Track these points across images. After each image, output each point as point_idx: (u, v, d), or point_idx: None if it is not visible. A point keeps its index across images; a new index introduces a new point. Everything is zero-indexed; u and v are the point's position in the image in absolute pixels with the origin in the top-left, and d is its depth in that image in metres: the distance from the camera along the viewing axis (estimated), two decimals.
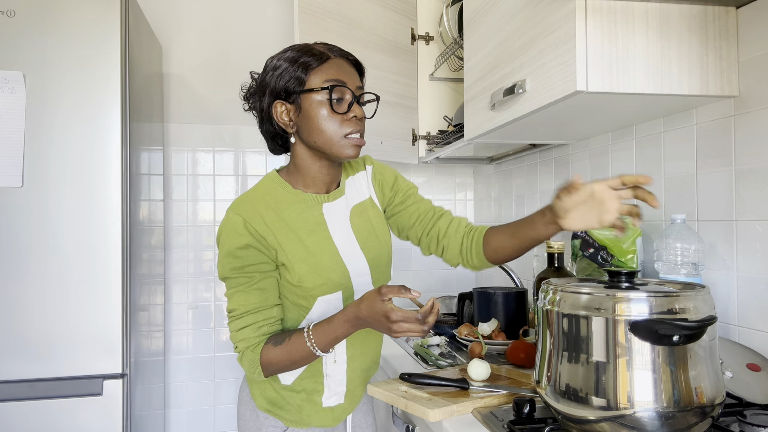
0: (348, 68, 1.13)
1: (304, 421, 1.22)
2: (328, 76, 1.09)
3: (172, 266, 2.37)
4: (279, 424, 1.22)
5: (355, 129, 1.11)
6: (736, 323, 1.22)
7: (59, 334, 1.67)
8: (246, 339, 1.11)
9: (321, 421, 1.23)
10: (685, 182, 1.36)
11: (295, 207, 1.15)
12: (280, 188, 1.17)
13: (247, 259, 1.10)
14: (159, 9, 2.38)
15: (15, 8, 1.67)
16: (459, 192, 2.68)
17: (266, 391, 1.21)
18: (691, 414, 0.84)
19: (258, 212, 1.11)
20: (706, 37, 1.18)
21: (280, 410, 1.21)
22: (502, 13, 1.43)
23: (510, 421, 0.99)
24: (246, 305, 1.11)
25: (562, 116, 1.38)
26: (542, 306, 0.97)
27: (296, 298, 1.15)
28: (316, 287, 1.13)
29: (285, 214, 1.14)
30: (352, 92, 1.10)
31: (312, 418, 1.22)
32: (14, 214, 1.66)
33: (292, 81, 1.10)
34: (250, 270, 1.10)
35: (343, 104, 1.10)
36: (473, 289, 1.79)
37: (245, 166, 2.46)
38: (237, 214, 1.10)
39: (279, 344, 1.10)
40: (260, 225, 1.10)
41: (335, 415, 1.24)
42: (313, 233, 1.15)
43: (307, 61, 1.10)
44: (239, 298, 1.11)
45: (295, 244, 1.12)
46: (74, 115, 1.70)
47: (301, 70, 1.10)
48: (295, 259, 1.11)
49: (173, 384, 2.37)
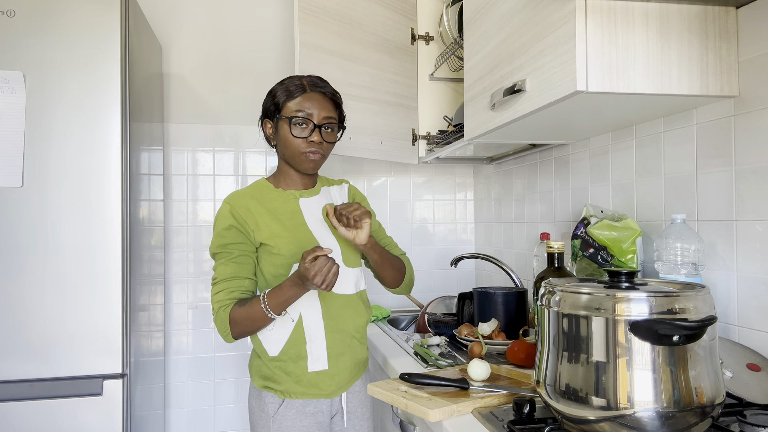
0: (320, 101, 1.40)
1: (295, 389, 1.38)
2: (298, 107, 1.38)
3: (172, 266, 2.37)
4: (276, 399, 1.39)
5: (311, 150, 1.39)
6: (736, 323, 1.22)
7: (59, 334, 1.67)
8: (220, 301, 1.34)
9: (311, 386, 1.38)
10: (685, 182, 1.36)
11: (277, 200, 1.44)
12: (266, 187, 1.46)
13: (229, 238, 1.36)
14: (159, 9, 2.38)
15: (15, 8, 1.67)
16: (459, 192, 2.68)
17: (261, 369, 1.41)
18: (691, 414, 0.84)
19: (244, 202, 1.40)
20: (706, 37, 1.18)
21: (273, 383, 1.39)
22: (502, 13, 1.43)
23: (510, 421, 0.99)
24: (224, 274, 1.35)
25: (562, 116, 1.38)
26: (542, 306, 0.97)
27: (276, 269, 1.38)
28: (291, 255, 1.38)
29: (268, 204, 1.42)
30: (313, 123, 1.39)
31: (302, 385, 1.38)
32: (14, 214, 1.66)
33: (272, 106, 1.42)
34: (231, 247, 1.36)
35: (306, 130, 1.39)
36: (473, 289, 1.79)
37: (245, 166, 2.46)
38: (227, 203, 1.39)
39: (242, 305, 1.33)
40: (244, 211, 1.38)
41: (323, 382, 1.39)
42: (291, 219, 1.42)
43: (287, 90, 1.40)
44: (220, 269, 1.36)
45: (274, 225, 1.39)
46: (74, 115, 1.70)
47: (282, 98, 1.40)
48: (272, 234, 1.38)
49: (173, 384, 2.37)
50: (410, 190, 2.63)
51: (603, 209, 1.61)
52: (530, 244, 2.13)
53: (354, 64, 2.05)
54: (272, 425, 1.38)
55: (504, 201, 2.36)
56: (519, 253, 2.23)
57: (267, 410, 1.39)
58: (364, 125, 2.07)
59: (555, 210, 1.95)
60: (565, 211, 1.89)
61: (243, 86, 2.45)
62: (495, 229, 2.45)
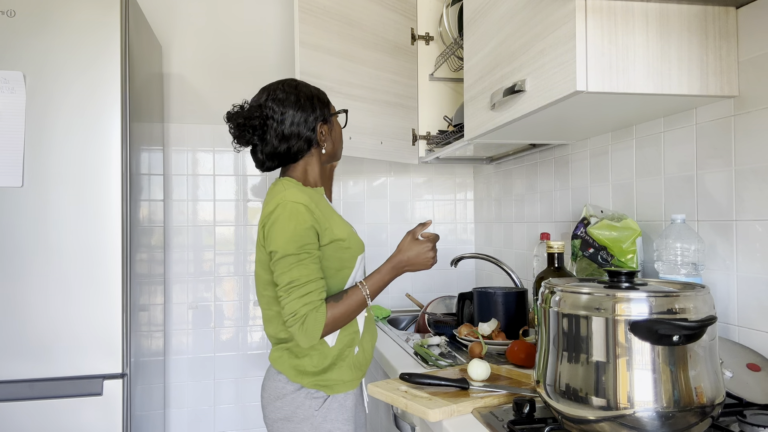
0: None
1: (344, 377, 1.39)
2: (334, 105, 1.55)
3: (172, 266, 2.37)
4: (320, 395, 1.37)
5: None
6: (736, 323, 1.22)
7: (59, 334, 1.67)
8: (311, 302, 1.28)
9: (356, 370, 1.41)
10: (685, 182, 1.36)
11: (321, 198, 1.44)
12: (301, 187, 1.41)
13: (308, 239, 1.32)
14: (159, 9, 2.38)
15: (15, 8, 1.67)
16: (459, 192, 2.69)
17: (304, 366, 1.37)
18: (691, 414, 0.84)
19: (313, 202, 1.36)
20: (706, 37, 1.18)
21: (321, 378, 1.38)
22: (502, 13, 1.43)
23: (510, 421, 0.99)
24: (308, 275, 1.30)
25: (562, 116, 1.38)
26: (542, 306, 0.97)
27: (342, 262, 1.39)
28: (357, 246, 1.42)
29: (321, 203, 1.41)
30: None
31: (351, 370, 1.40)
32: (14, 214, 1.66)
33: (325, 108, 1.46)
34: (308, 248, 1.32)
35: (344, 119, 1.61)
36: (473, 289, 1.79)
37: (245, 166, 2.46)
38: (299, 203, 1.32)
39: (339, 301, 1.33)
40: (318, 212, 1.35)
41: (359, 365, 1.43)
42: (336, 211, 1.47)
43: (318, 91, 1.47)
44: (300, 270, 1.30)
45: (336, 219, 1.41)
46: (74, 115, 1.70)
47: (325, 98, 1.48)
48: (341, 230, 1.39)
49: (173, 384, 2.37)
50: (410, 190, 2.63)
51: (603, 209, 1.61)
52: (530, 244, 2.13)
53: (354, 64, 2.05)
54: (316, 420, 1.37)
55: (504, 201, 2.36)
56: (519, 253, 2.23)
57: (310, 404, 1.37)
58: (364, 125, 2.07)
59: (555, 210, 1.95)
60: (565, 211, 1.88)
61: (243, 86, 2.45)
62: (495, 229, 2.45)
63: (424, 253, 1.40)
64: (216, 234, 2.41)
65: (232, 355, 2.42)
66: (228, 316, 2.42)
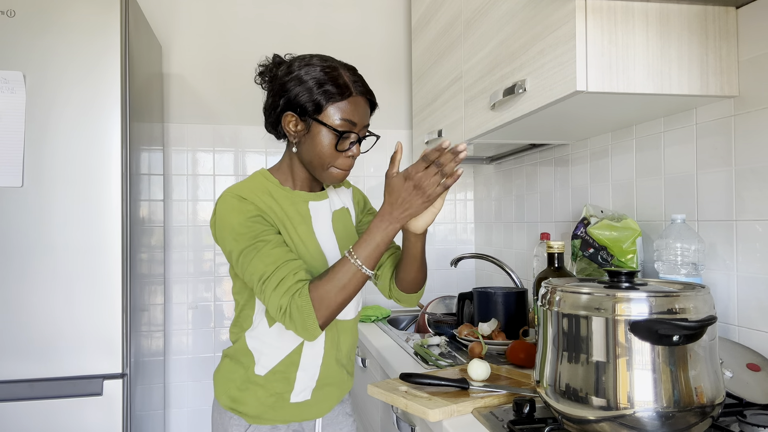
0: (363, 107, 1.19)
1: (267, 416, 1.23)
2: (345, 115, 1.15)
3: (172, 266, 2.37)
4: (243, 423, 1.23)
5: (344, 165, 1.19)
6: (736, 323, 1.22)
7: (59, 334, 1.67)
8: (288, 289, 1.08)
9: (284, 417, 1.25)
10: (685, 182, 1.36)
11: (286, 200, 1.22)
12: (271, 183, 1.23)
13: (260, 226, 1.14)
14: (159, 9, 2.38)
15: (15, 8, 1.67)
16: (459, 192, 2.68)
17: (230, 390, 1.24)
18: (691, 414, 0.84)
19: (256, 195, 1.18)
20: (706, 37, 1.18)
21: (243, 406, 1.23)
22: (502, 13, 1.43)
23: (510, 421, 0.99)
24: (275, 262, 1.10)
25: (562, 116, 1.38)
26: (542, 306, 0.97)
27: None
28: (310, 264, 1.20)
29: (278, 203, 1.21)
30: (357, 135, 1.18)
31: (277, 414, 1.24)
32: (14, 214, 1.66)
33: (310, 104, 1.15)
34: (265, 235, 1.13)
35: (345, 143, 1.17)
36: (473, 289, 1.79)
37: (245, 166, 2.46)
38: (235, 195, 1.16)
39: (323, 278, 1.09)
40: (259, 201, 1.17)
41: (300, 411, 1.26)
42: (301, 225, 1.22)
43: (330, 90, 1.15)
44: (264, 260, 1.11)
45: (287, 230, 1.19)
46: (74, 115, 1.70)
47: (322, 97, 1.14)
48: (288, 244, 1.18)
49: (173, 384, 2.37)
50: None
51: (603, 209, 1.61)
52: (530, 244, 2.13)
53: None
54: None
55: (504, 201, 2.36)
56: (519, 253, 2.23)
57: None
58: None
59: (555, 210, 1.95)
60: (565, 211, 1.89)
61: (243, 86, 2.45)
62: (495, 229, 2.45)
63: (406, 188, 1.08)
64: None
65: None
66: (228, 316, 2.42)
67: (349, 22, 2.55)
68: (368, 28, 2.57)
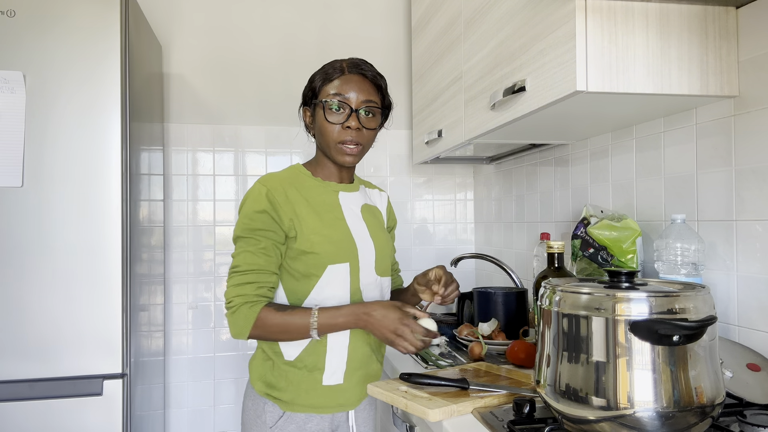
0: (359, 84, 1.29)
1: (301, 400, 1.28)
2: (335, 90, 1.27)
3: (172, 266, 2.37)
4: (276, 410, 1.29)
5: (348, 138, 1.28)
6: (736, 323, 1.22)
7: (59, 334, 1.67)
8: (245, 295, 1.21)
9: (318, 402, 1.29)
10: (685, 182, 1.36)
11: (316, 189, 1.33)
12: (303, 174, 1.35)
13: (259, 223, 1.24)
14: (159, 9, 2.38)
15: (15, 8, 1.67)
16: (459, 192, 2.68)
17: (265, 375, 1.31)
18: (691, 414, 0.84)
19: (282, 186, 1.27)
20: (706, 37, 1.18)
21: (277, 392, 1.28)
22: (502, 13, 1.43)
23: (510, 421, 0.99)
24: (251, 264, 1.22)
25: (562, 116, 1.38)
26: (542, 306, 0.97)
27: (308, 268, 1.26)
28: (328, 254, 1.26)
29: (306, 193, 1.31)
30: (350, 107, 1.27)
31: (310, 397, 1.28)
32: (14, 214, 1.66)
33: (309, 92, 1.32)
34: (259, 234, 1.24)
35: (342, 115, 1.28)
36: (473, 289, 1.79)
37: (245, 166, 2.46)
38: (262, 185, 1.26)
39: (280, 311, 1.21)
40: (281, 197, 1.25)
41: (333, 395, 1.30)
42: (329, 212, 1.31)
43: (324, 75, 1.29)
44: (246, 257, 1.23)
45: (312, 217, 1.28)
46: (74, 115, 1.70)
47: (319, 82, 1.30)
48: (310, 230, 1.26)
49: (173, 384, 2.37)
50: (410, 190, 2.63)
51: (603, 209, 1.61)
52: (530, 244, 2.13)
53: None
54: None
55: (504, 201, 2.36)
56: (519, 253, 2.23)
57: (265, 419, 1.29)
58: None
59: (555, 210, 1.95)
60: (565, 211, 1.89)
61: (243, 86, 2.45)
62: (495, 229, 2.45)
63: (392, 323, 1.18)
64: (216, 234, 2.41)
65: (232, 355, 2.42)
66: None
67: (349, 21, 2.55)
68: (368, 28, 2.57)
